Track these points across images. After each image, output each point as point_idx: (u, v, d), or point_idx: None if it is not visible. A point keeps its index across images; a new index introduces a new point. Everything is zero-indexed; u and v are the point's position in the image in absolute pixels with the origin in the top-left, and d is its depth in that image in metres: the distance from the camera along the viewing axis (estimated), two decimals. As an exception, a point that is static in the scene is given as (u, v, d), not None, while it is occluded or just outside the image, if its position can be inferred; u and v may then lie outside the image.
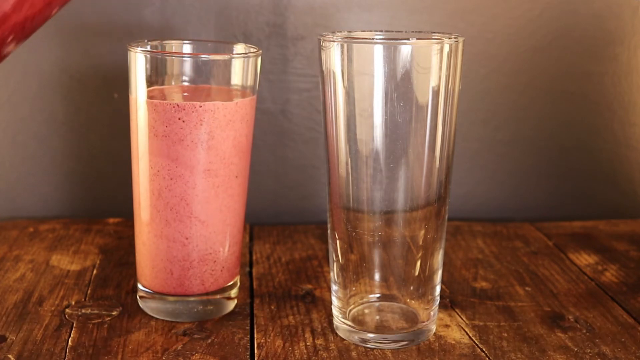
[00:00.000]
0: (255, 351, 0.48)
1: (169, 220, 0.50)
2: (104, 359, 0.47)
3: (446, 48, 0.46)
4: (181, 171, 0.49)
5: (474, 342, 0.50)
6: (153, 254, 0.52)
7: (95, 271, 0.60)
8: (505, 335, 0.51)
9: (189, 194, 0.50)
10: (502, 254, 0.65)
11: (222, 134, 0.50)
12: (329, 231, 0.50)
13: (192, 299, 0.52)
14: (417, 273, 0.49)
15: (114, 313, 0.53)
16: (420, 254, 0.49)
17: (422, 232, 0.49)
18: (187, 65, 0.52)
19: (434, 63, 0.46)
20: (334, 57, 0.47)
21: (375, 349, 0.49)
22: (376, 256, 0.49)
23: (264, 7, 0.69)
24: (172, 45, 0.55)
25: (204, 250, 0.51)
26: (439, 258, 0.50)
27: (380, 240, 0.48)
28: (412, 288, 0.49)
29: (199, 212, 0.50)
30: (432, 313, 0.50)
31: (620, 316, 0.54)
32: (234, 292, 0.54)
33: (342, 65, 0.46)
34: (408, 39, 0.45)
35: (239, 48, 0.54)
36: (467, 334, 0.51)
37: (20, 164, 0.71)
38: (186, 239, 0.51)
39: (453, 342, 0.50)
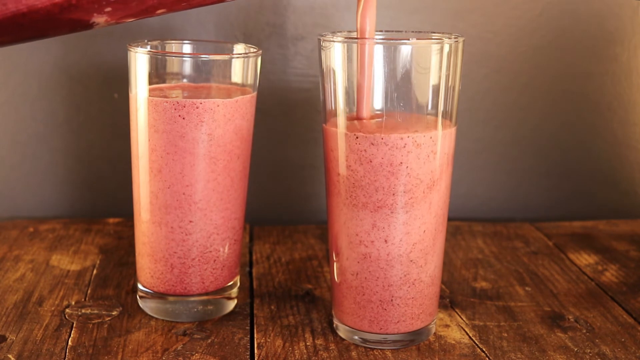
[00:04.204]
0: (255, 351, 0.48)
1: (169, 206, 0.50)
2: (104, 359, 0.47)
3: (446, 48, 0.46)
4: (181, 153, 0.49)
5: (474, 342, 0.50)
6: (153, 246, 0.51)
7: (95, 271, 0.60)
8: (505, 335, 0.51)
9: (186, 173, 0.49)
10: (502, 254, 0.65)
11: (221, 131, 0.50)
12: (328, 231, 0.50)
13: (192, 299, 0.52)
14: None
15: (114, 313, 0.53)
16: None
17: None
18: (187, 66, 0.52)
19: (434, 63, 0.46)
20: (333, 57, 0.47)
21: (375, 349, 0.49)
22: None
23: (264, 7, 0.69)
24: (172, 45, 0.55)
25: (204, 246, 0.51)
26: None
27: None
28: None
29: (199, 198, 0.50)
30: (432, 313, 0.50)
31: (620, 316, 0.54)
32: (234, 292, 0.54)
33: (342, 65, 0.46)
34: (408, 39, 0.45)
35: (239, 48, 0.54)
36: (467, 334, 0.51)
37: (20, 164, 0.71)
38: (186, 235, 0.51)
39: (453, 342, 0.50)
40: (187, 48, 0.55)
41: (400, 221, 0.46)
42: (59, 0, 0.37)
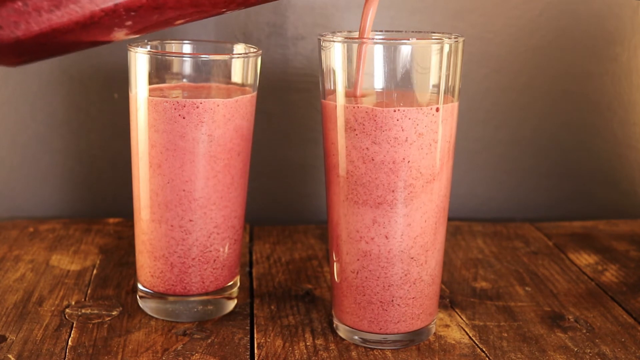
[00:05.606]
0: (255, 351, 0.48)
1: (169, 203, 0.50)
2: (104, 359, 0.47)
3: (446, 48, 0.46)
4: (180, 151, 0.49)
5: (474, 342, 0.50)
6: (153, 244, 0.51)
7: (95, 271, 0.60)
8: (505, 335, 0.51)
9: (186, 168, 0.49)
10: (502, 254, 0.65)
11: (221, 131, 0.50)
12: (328, 227, 0.50)
13: (192, 299, 0.52)
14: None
15: (114, 313, 0.53)
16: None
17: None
18: (187, 65, 0.52)
19: (434, 63, 0.46)
20: (333, 57, 0.47)
21: (375, 349, 0.49)
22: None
23: (264, 7, 0.69)
24: (172, 45, 0.55)
25: (204, 246, 0.51)
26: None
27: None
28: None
29: (199, 195, 0.50)
30: (432, 313, 0.50)
31: (620, 316, 0.54)
32: (234, 292, 0.54)
33: (342, 65, 0.46)
34: (408, 39, 0.45)
35: (239, 48, 0.54)
36: (467, 334, 0.51)
37: (20, 163, 0.71)
38: (186, 234, 0.51)
39: (453, 342, 0.50)
40: (187, 48, 0.55)
41: (401, 214, 0.46)
42: (81, 18, 0.37)
